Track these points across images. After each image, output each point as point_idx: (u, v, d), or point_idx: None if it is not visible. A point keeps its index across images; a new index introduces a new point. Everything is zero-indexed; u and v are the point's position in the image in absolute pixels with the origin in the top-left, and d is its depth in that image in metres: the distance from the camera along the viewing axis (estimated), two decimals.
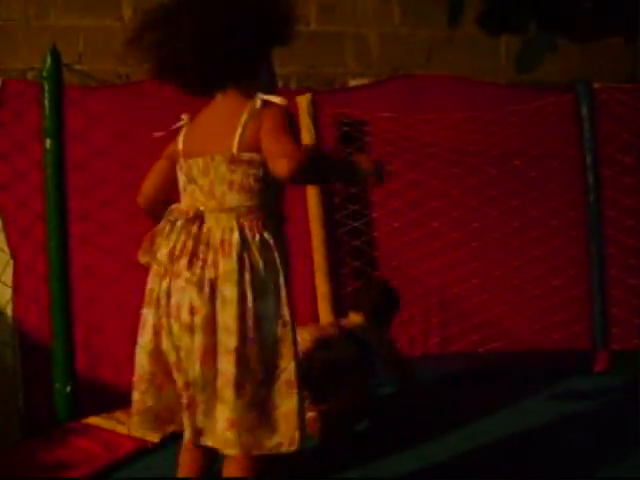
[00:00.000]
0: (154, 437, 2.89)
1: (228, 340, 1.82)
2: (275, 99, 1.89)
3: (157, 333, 1.91)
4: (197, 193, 1.93)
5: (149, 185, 2.09)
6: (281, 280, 1.87)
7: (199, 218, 1.89)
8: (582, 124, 4.14)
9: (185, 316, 1.85)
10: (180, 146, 1.99)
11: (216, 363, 1.84)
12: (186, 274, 1.85)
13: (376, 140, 4.08)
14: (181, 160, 1.98)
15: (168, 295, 1.89)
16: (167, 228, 1.91)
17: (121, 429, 2.98)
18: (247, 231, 1.86)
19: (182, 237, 1.88)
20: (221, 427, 1.84)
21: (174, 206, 1.97)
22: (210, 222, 1.88)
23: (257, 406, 1.84)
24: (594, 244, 4.14)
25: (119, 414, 3.11)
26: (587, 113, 4.13)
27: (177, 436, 2.89)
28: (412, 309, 4.09)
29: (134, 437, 2.90)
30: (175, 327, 1.88)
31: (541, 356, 3.99)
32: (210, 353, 1.84)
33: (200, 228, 1.88)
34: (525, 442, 2.81)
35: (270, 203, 1.92)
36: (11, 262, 3.63)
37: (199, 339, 1.84)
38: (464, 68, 4.53)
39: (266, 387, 1.85)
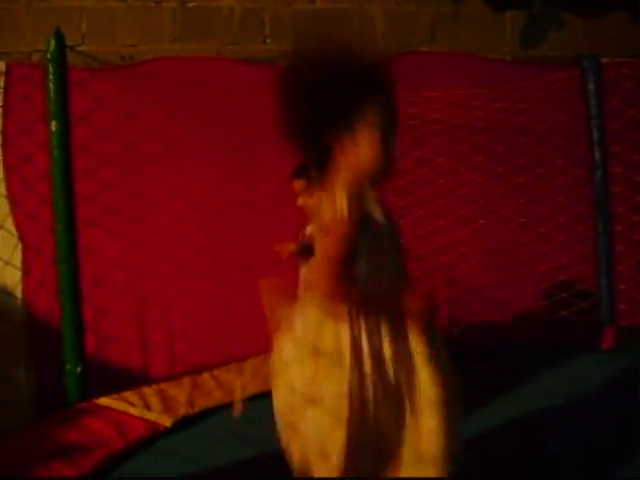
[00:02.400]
0: (166, 420, 2.93)
1: None
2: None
3: None
4: None
5: None
6: None
7: None
8: (589, 100, 4.10)
9: None
10: None
11: None
12: None
13: None
14: None
15: None
16: None
17: (132, 410, 3.00)
18: None
19: None
20: None
21: None
22: None
23: None
24: (601, 221, 4.12)
25: (129, 395, 3.15)
26: (594, 89, 4.08)
27: (188, 420, 2.91)
28: (420, 287, 4.08)
29: (146, 419, 2.93)
30: None
31: (549, 333, 4.00)
32: None
33: None
34: (535, 419, 2.83)
35: None
36: (19, 245, 3.65)
37: None
38: (469, 44, 4.49)
39: None
